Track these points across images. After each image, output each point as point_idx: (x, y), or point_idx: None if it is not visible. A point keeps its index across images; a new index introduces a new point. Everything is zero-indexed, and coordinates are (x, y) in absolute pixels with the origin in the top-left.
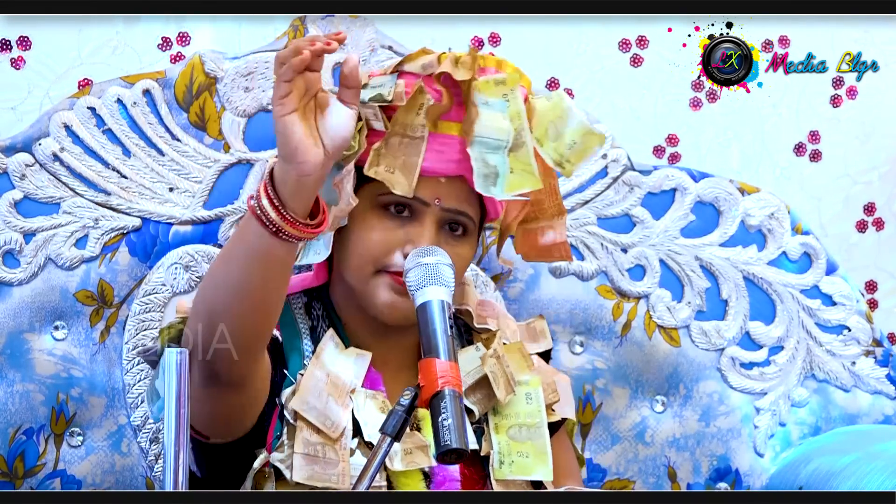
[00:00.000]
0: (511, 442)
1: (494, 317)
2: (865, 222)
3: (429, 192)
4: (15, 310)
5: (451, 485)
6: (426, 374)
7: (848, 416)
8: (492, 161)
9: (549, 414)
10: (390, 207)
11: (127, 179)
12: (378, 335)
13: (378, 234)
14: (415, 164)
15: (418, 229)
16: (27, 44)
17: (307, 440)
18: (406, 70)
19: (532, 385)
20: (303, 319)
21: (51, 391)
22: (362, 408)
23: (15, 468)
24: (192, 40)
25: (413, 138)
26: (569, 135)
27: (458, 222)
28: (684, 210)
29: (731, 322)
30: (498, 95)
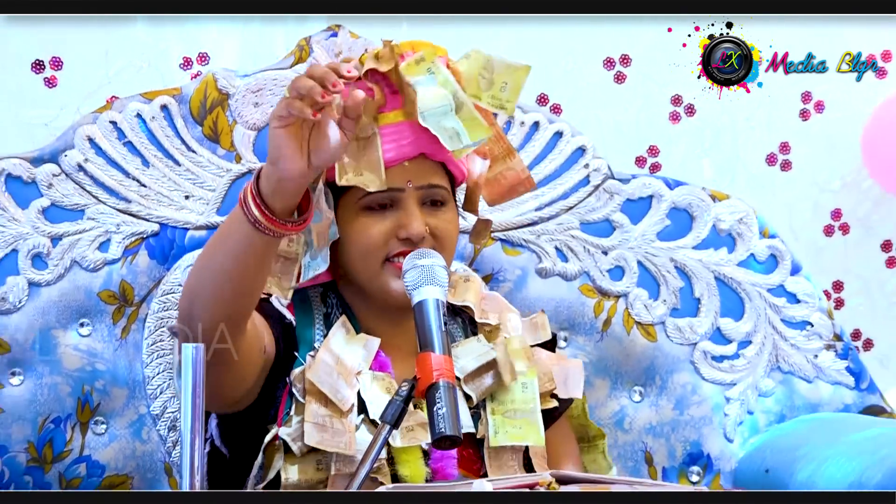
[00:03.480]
0: (505, 419)
1: (497, 311)
2: (833, 227)
3: (399, 179)
4: (43, 308)
5: (449, 462)
6: (422, 367)
7: (810, 405)
8: (447, 124)
9: (547, 401)
10: (373, 206)
11: (146, 188)
12: (388, 323)
13: (372, 232)
14: (377, 160)
15: (403, 214)
16: (59, 64)
17: (316, 412)
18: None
19: (528, 375)
20: (318, 307)
21: (77, 383)
22: (368, 388)
23: (44, 454)
24: (210, 59)
25: (366, 138)
26: (497, 79)
27: (435, 196)
28: (660, 215)
29: (703, 319)
30: (423, 72)
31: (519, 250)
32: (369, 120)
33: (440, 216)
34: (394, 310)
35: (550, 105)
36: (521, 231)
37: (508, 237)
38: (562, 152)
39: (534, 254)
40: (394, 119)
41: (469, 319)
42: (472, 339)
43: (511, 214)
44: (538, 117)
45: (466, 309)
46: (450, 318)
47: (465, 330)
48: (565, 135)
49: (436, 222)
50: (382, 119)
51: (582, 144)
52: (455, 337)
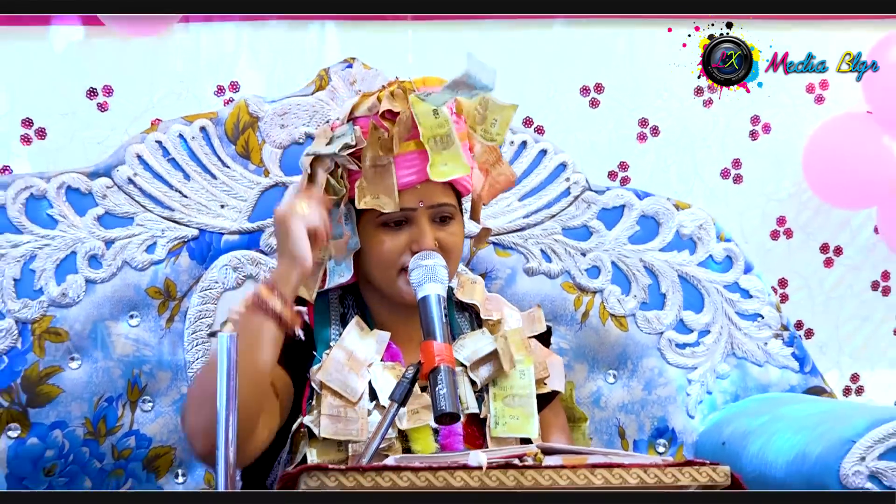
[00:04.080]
0: (505, 408)
1: (499, 310)
2: (778, 232)
3: (412, 200)
4: (98, 302)
5: (455, 438)
6: (426, 354)
7: (761, 386)
8: (440, 150)
9: (541, 387)
10: (390, 223)
11: (187, 198)
12: (401, 319)
13: (388, 246)
14: (392, 185)
15: (416, 230)
16: (110, 91)
17: (331, 403)
18: (357, 115)
19: (526, 364)
20: (336, 308)
21: (127, 367)
22: (379, 377)
23: (99, 428)
24: (240, 87)
25: (383, 166)
26: (489, 115)
27: (444, 213)
28: (631, 222)
29: (668, 311)
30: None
31: (509, 252)
32: (385, 152)
33: (448, 230)
34: (406, 308)
35: (535, 127)
36: (510, 235)
37: (500, 241)
38: (546, 167)
39: (522, 255)
40: (406, 149)
41: (475, 315)
42: (478, 332)
43: (502, 221)
44: (526, 137)
45: (473, 306)
46: (459, 312)
47: (471, 324)
48: (549, 152)
49: (444, 236)
50: (399, 149)
51: (563, 161)
52: (462, 329)
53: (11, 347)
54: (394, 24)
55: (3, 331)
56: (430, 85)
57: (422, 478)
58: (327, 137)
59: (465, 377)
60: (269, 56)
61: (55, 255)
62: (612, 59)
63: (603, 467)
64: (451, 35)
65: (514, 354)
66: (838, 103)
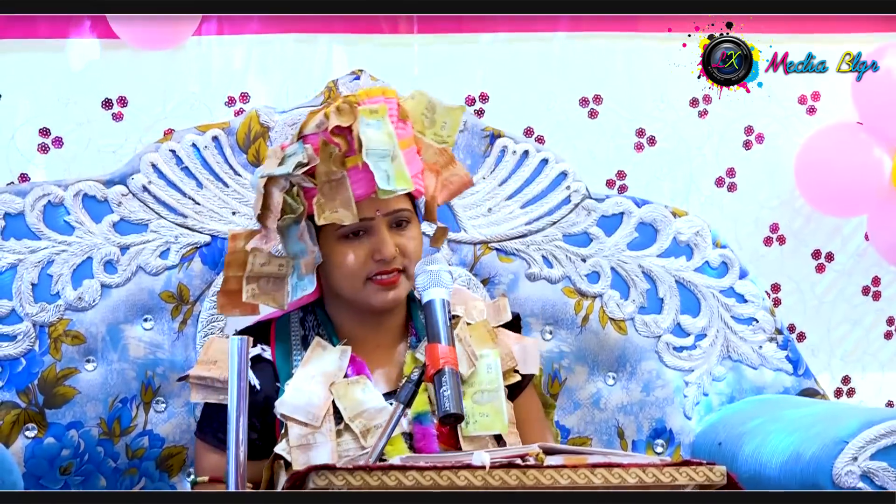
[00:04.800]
0: (474, 405)
1: (462, 303)
2: (771, 238)
3: (369, 210)
4: (113, 306)
5: (430, 440)
6: (430, 356)
7: (756, 388)
8: (383, 166)
9: (512, 376)
10: (349, 235)
11: (200, 206)
12: (369, 326)
13: (351, 257)
14: (349, 198)
15: (377, 239)
16: (124, 102)
17: (298, 434)
18: (306, 133)
19: (493, 357)
20: (297, 331)
21: (141, 369)
22: (343, 396)
23: (113, 428)
24: (251, 98)
25: (337, 180)
26: (438, 119)
27: (400, 218)
28: (630, 229)
29: (665, 315)
30: (374, 119)
31: (511, 258)
32: (338, 167)
33: (406, 235)
34: (374, 316)
35: (535, 136)
36: (513, 242)
37: (503, 247)
38: (547, 176)
39: (524, 261)
40: (359, 161)
41: None
42: None
43: (505, 228)
44: (527, 147)
45: None
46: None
47: None
48: (550, 161)
49: (403, 241)
50: (351, 162)
51: (564, 169)
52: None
53: (29, 350)
54: (400, 37)
55: (21, 334)
56: (373, 96)
57: (427, 477)
58: (278, 158)
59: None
60: (278, 68)
61: (72, 261)
62: (611, 71)
63: (603, 467)
64: (455, 48)
65: (480, 349)
66: (830, 114)
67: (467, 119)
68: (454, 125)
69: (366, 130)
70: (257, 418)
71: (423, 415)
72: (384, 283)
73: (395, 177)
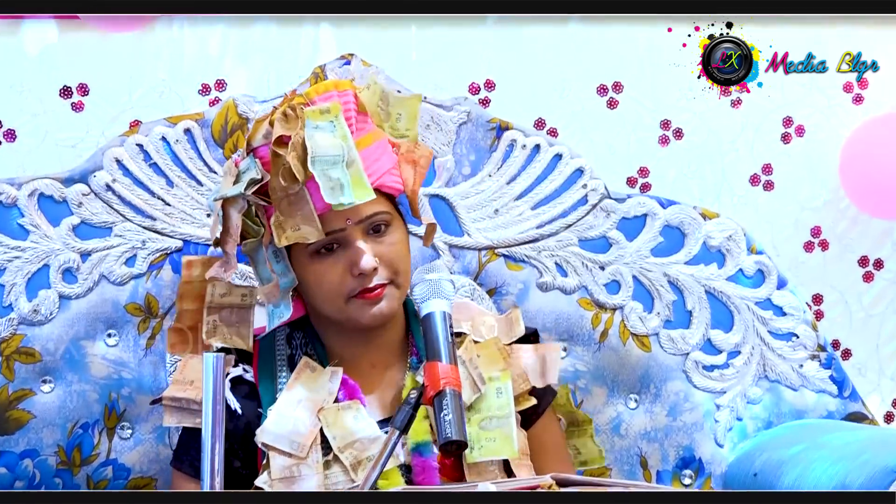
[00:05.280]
0: (480, 431)
1: (469, 319)
2: (812, 243)
3: (338, 220)
4: (73, 320)
5: (430, 473)
6: (430, 376)
7: (796, 412)
8: (334, 175)
9: (526, 400)
10: (320, 251)
11: (170, 207)
12: (359, 346)
13: (328, 275)
14: (310, 212)
15: (351, 251)
16: (85, 90)
17: (281, 465)
18: (255, 146)
19: (502, 380)
20: (282, 350)
21: (104, 390)
22: (332, 423)
23: (73, 457)
24: (227, 86)
25: (295, 194)
26: (392, 111)
27: (376, 222)
28: (654, 233)
29: (694, 330)
30: (325, 121)
31: (521, 265)
32: (292, 180)
33: (385, 241)
34: (363, 333)
35: (547, 129)
36: (522, 247)
37: (511, 253)
38: (561, 173)
39: (535, 269)
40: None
41: None
42: None
43: (513, 232)
44: (539, 140)
45: None
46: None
47: None
48: (564, 157)
49: (382, 249)
50: (308, 172)
51: (580, 166)
52: None
53: None
54: (396, 18)
55: None
56: (324, 92)
57: None
58: (233, 175)
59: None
60: (258, 52)
61: (26, 269)
62: (632, 56)
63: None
64: (458, 31)
65: (488, 371)
66: (879, 103)
67: (471, 109)
68: (410, 116)
69: (313, 135)
70: (239, 445)
71: (424, 445)
72: (368, 298)
73: (352, 185)
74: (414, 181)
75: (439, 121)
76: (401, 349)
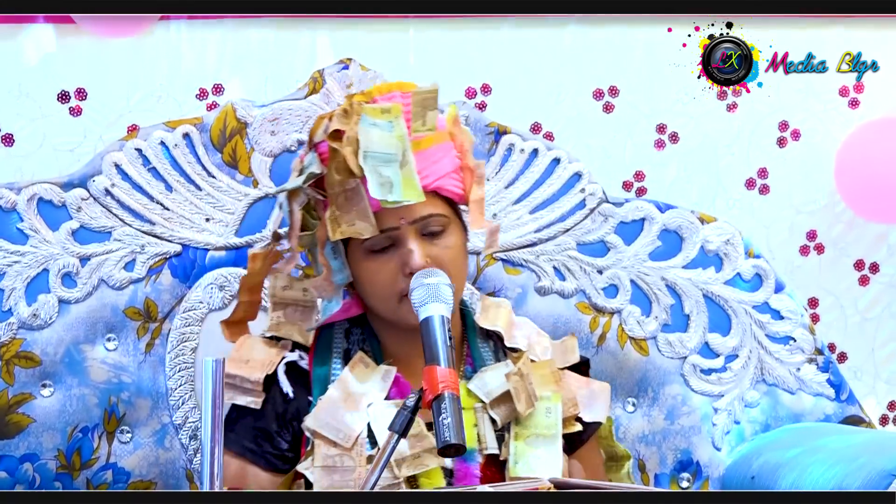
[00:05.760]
0: (526, 447)
1: (526, 335)
2: (808, 247)
3: (393, 218)
4: (72, 324)
5: (471, 481)
6: (429, 380)
7: (794, 416)
8: (385, 172)
9: (572, 424)
10: (376, 249)
11: (169, 211)
12: (414, 345)
13: (381, 274)
14: (366, 208)
15: (405, 250)
16: (83, 94)
17: (325, 454)
18: (316, 141)
19: (553, 400)
20: (339, 343)
21: (103, 395)
22: (380, 419)
23: (73, 462)
24: (225, 91)
25: (352, 189)
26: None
27: (431, 225)
28: (652, 237)
29: (692, 334)
30: (384, 119)
31: (519, 269)
32: (349, 175)
33: (440, 244)
34: (418, 333)
35: (543, 133)
36: (521, 251)
37: (509, 257)
38: (559, 178)
39: (533, 273)
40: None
41: (500, 343)
42: (501, 365)
43: (512, 236)
44: (537, 145)
45: (497, 332)
46: (482, 340)
47: (496, 353)
48: (562, 161)
49: (437, 251)
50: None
51: (578, 170)
52: (486, 360)
53: None
54: (393, 22)
55: None
56: (388, 92)
57: None
58: (297, 171)
59: (485, 414)
60: (256, 57)
61: (25, 273)
62: (629, 59)
63: None
64: (456, 34)
65: (541, 390)
66: (874, 107)
67: (469, 114)
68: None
69: (368, 132)
70: (287, 429)
71: (469, 453)
72: None
73: (403, 185)
74: (467, 187)
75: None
76: (455, 357)
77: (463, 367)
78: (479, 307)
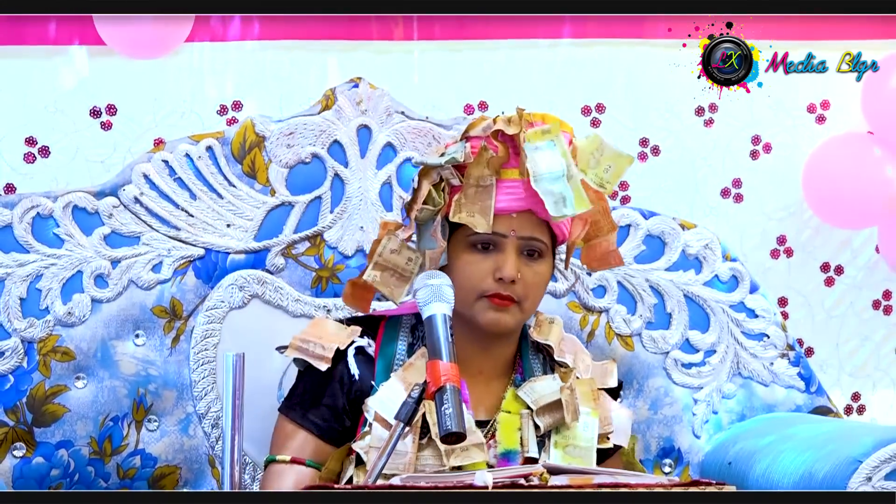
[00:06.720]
0: (565, 456)
1: (573, 353)
2: (778, 251)
3: (505, 227)
4: (104, 322)
5: None
6: (432, 373)
7: (767, 406)
8: (557, 189)
9: (603, 441)
10: (478, 246)
11: (193, 218)
12: (479, 347)
13: (473, 268)
14: (489, 207)
15: (502, 257)
16: (113, 110)
17: (380, 436)
18: (471, 135)
19: (592, 416)
20: (405, 337)
21: (132, 386)
22: (435, 411)
23: (104, 448)
24: (244, 107)
25: (484, 186)
26: (604, 161)
27: (533, 247)
28: (637, 242)
29: (674, 331)
30: (545, 140)
31: None
32: (491, 172)
33: (534, 267)
34: (483, 336)
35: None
36: None
37: None
38: None
39: None
40: (511, 176)
41: (548, 357)
42: (549, 377)
43: None
44: None
45: (547, 347)
46: (533, 353)
47: (544, 366)
48: None
49: (528, 272)
50: (504, 174)
51: None
52: (535, 371)
53: (17, 367)
54: (399, 44)
55: (9, 350)
56: (548, 122)
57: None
58: (439, 153)
59: (530, 420)
60: (272, 76)
61: (61, 275)
62: (614, 79)
63: (608, 487)
64: (456, 56)
65: (582, 406)
66: (839, 123)
67: None
68: (618, 172)
69: (535, 154)
70: (350, 408)
71: (513, 452)
72: (495, 303)
73: (574, 198)
74: (577, 235)
75: (439, 139)
76: (508, 365)
77: (513, 376)
78: (533, 321)
